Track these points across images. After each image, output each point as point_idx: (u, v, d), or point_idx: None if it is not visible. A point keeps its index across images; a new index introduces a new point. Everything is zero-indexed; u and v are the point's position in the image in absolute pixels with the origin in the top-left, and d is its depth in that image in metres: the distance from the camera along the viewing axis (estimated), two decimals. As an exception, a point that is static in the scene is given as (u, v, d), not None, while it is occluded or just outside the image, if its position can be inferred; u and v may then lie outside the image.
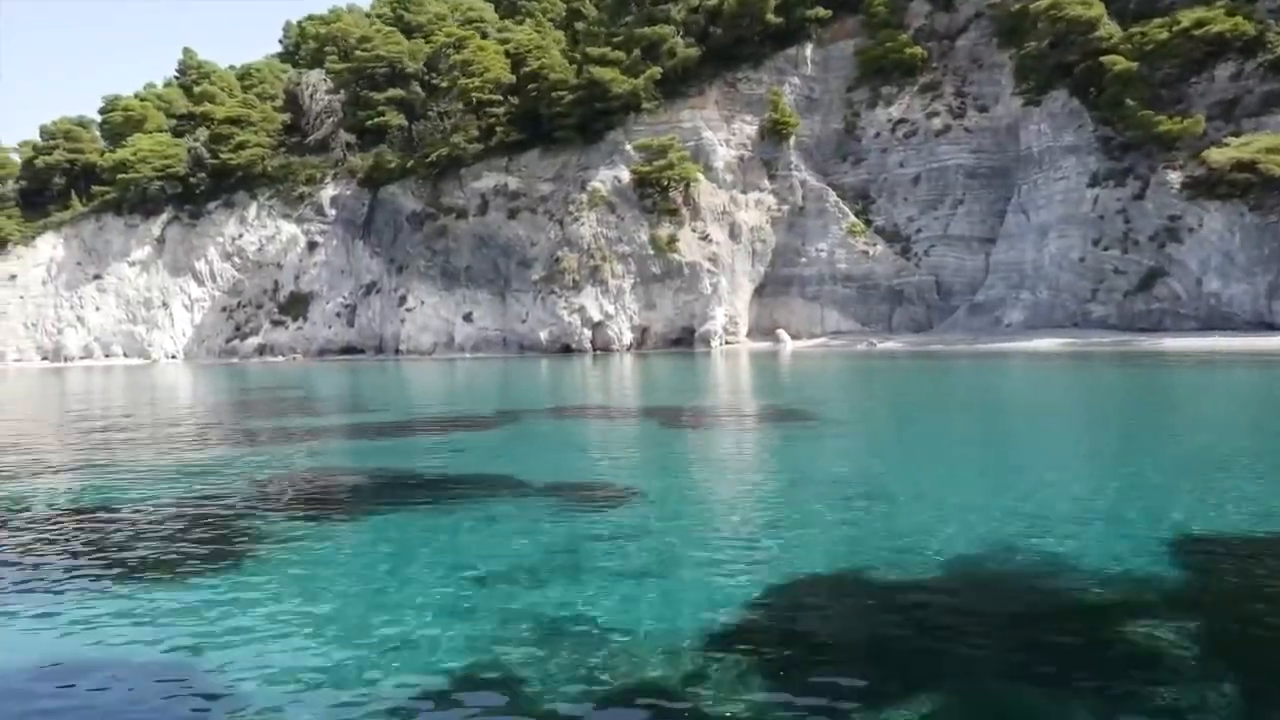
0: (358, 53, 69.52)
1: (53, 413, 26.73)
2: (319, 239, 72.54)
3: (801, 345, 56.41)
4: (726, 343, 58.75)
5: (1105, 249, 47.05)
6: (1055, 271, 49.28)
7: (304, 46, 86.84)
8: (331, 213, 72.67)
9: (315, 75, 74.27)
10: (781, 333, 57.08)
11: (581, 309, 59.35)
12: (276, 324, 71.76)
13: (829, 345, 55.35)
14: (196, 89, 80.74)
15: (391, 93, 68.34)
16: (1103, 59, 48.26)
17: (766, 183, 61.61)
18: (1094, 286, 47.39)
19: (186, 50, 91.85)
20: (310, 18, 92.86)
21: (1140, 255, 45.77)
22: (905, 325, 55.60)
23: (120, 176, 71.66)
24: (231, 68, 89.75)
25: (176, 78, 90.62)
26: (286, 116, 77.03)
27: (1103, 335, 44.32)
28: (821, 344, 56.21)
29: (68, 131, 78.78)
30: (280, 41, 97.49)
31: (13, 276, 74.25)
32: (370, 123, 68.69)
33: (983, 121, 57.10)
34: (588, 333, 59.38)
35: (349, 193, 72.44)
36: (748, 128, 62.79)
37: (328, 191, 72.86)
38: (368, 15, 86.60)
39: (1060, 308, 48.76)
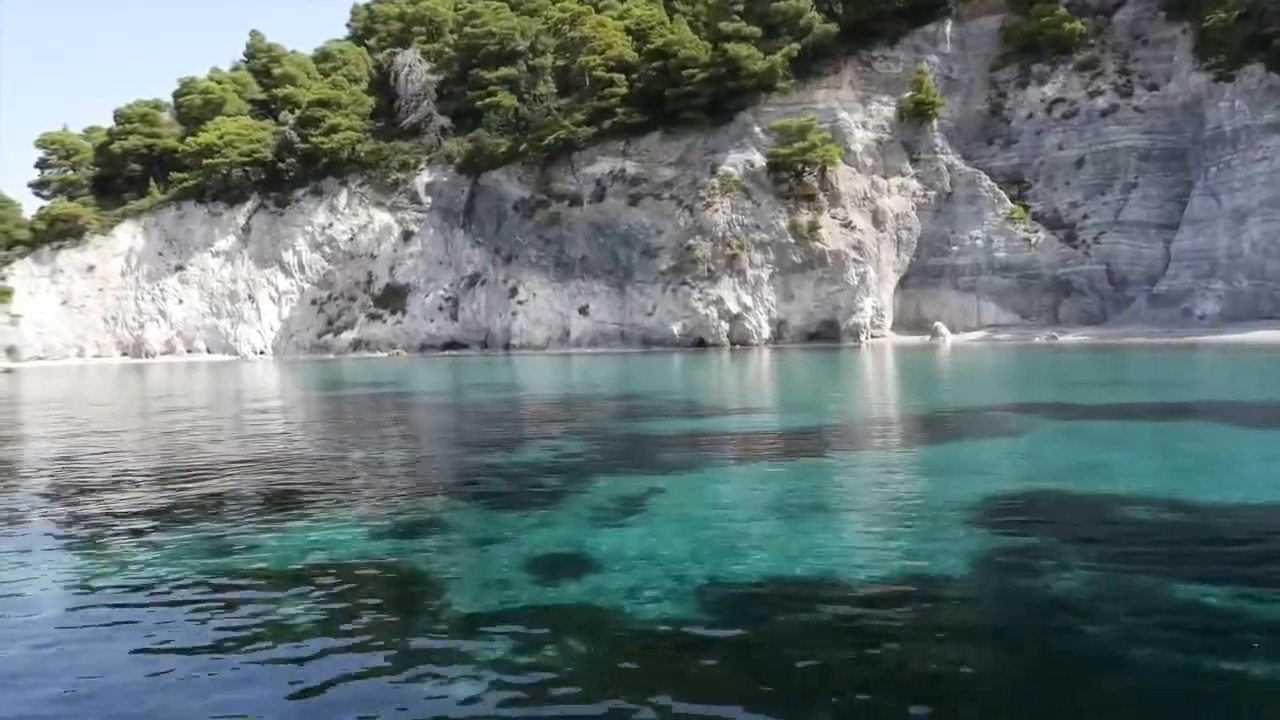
0: (466, 29, 65.64)
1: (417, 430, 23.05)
2: (414, 228, 68.87)
3: (960, 339, 52.75)
4: (872, 337, 55.15)
5: (1325, 234, 43.41)
6: (1259, 259, 45.61)
7: (381, 28, 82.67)
8: (427, 200, 69.00)
9: (410, 55, 70.39)
10: (940, 325, 53.36)
11: (719, 301, 55.68)
12: (373, 318, 68.04)
13: (992, 339, 51.67)
14: (276, 71, 76.91)
15: (503, 71, 64.49)
16: (1315, 29, 44.62)
17: (908, 167, 57.94)
18: (1311, 275, 43.74)
19: (254, 33, 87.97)
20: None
21: (1370, 240, 42.16)
22: (1075, 317, 51.94)
23: (206, 162, 67.83)
24: (294, 52, 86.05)
25: (244, 61, 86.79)
26: (371, 100, 73.25)
27: (1334, 327, 40.63)
28: (983, 338, 52.55)
29: (144, 115, 74.90)
30: (348, 25, 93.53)
31: (90, 267, 70.48)
32: (480, 103, 64.80)
33: (1154, 100, 53.40)
34: (725, 326, 55.73)
35: (446, 179, 68.78)
36: (885, 109, 59.12)
37: (423, 178, 69.17)
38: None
39: (1268, 298, 45.06)
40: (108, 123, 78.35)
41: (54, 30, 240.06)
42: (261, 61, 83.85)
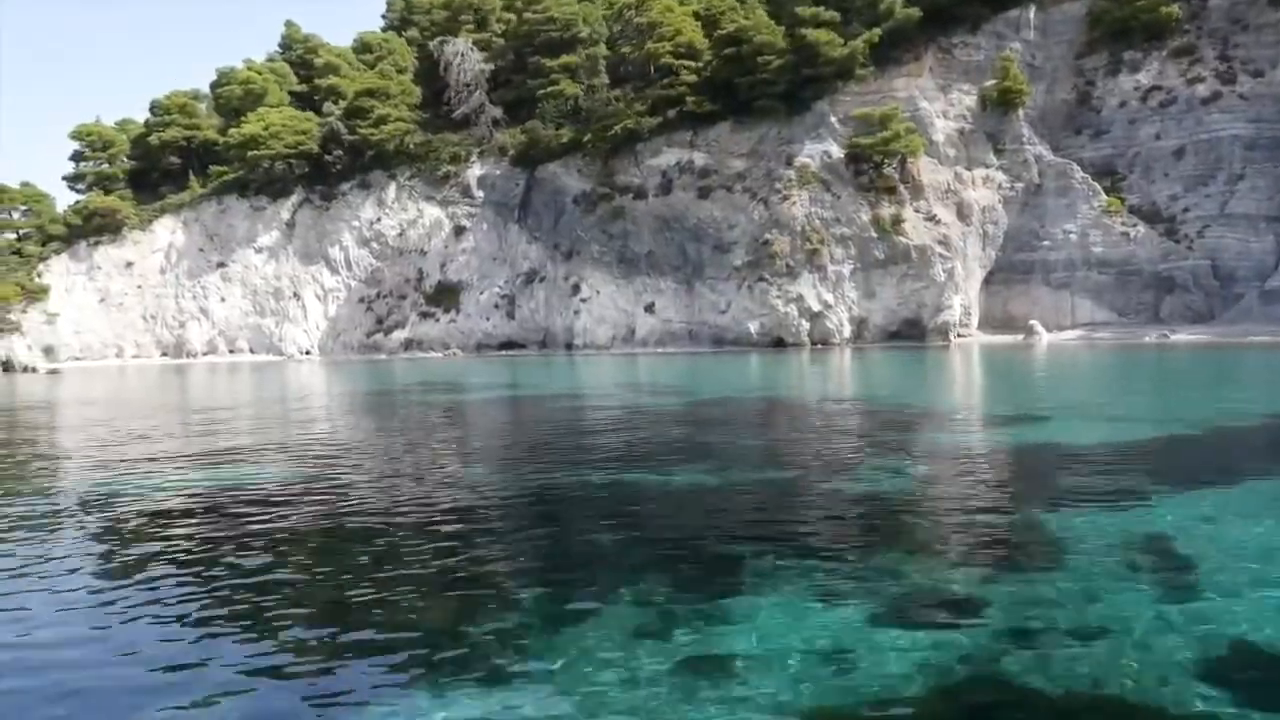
0: (526, 15, 63.04)
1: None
2: (466, 223, 66.27)
3: (1055, 338, 50.27)
4: (959, 335, 52.67)
5: None
6: (1388, 253, 43.23)
7: (422, 17, 79.95)
8: (479, 194, 66.41)
9: (461, 43, 67.73)
10: (1036, 324, 50.85)
11: (799, 298, 53.17)
12: (425, 316, 65.42)
13: (1089, 338, 49.20)
14: (317, 62, 74.31)
15: (565, 59, 61.88)
16: None
17: (992, 158, 55.45)
18: None
19: (289, 24, 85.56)
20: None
21: None
22: (1178, 315, 49.44)
23: (251, 154, 65.21)
24: (328, 44, 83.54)
25: (280, 52, 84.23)
26: (418, 90, 70.59)
27: None
28: (1079, 337, 50.05)
29: (183, 105, 72.23)
30: (383, 16, 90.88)
31: (129, 264, 67.83)
32: (541, 92, 62.23)
33: (1259, 87, 50.94)
34: (805, 324, 53.23)
35: (499, 172, 66.19)
36: (966, 98, 56.62)
37: (474, 171, 66.57)
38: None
39: (1398, 294, 42.72)
40: (134, 117, 75.83)
41: (67, 27, 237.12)
42: (298, 53, 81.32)
